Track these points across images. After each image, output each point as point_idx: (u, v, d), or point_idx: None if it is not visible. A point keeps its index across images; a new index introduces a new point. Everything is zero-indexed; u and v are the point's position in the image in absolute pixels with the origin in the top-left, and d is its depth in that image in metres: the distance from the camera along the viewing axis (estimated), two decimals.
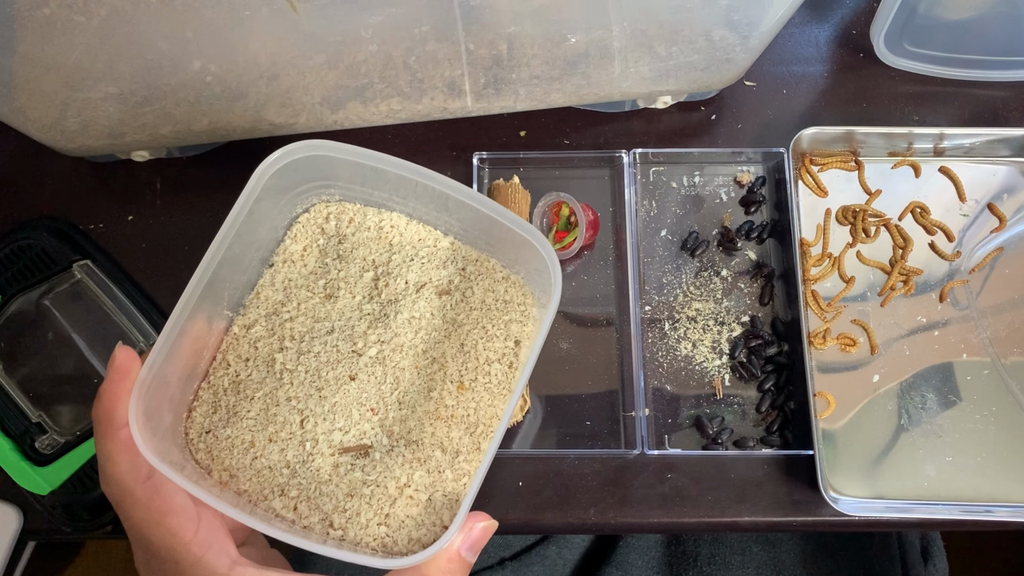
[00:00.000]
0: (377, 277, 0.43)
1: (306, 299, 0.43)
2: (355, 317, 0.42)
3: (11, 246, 0.57)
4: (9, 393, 0.54)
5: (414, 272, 0.43)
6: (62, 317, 0.55)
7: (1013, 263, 0.59)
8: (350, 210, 0.45)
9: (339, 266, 0.44)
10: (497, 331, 0.43)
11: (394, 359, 0.41)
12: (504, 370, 0.42)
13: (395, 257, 0.44)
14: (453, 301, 0.43)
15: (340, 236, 0.44)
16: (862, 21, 0.66)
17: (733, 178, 0.61)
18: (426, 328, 0.42)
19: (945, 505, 0.53)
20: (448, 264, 0.44)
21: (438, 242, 0.45)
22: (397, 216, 0.45)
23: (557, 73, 0.55)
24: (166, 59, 0.49)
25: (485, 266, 0.44)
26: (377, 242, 0.44)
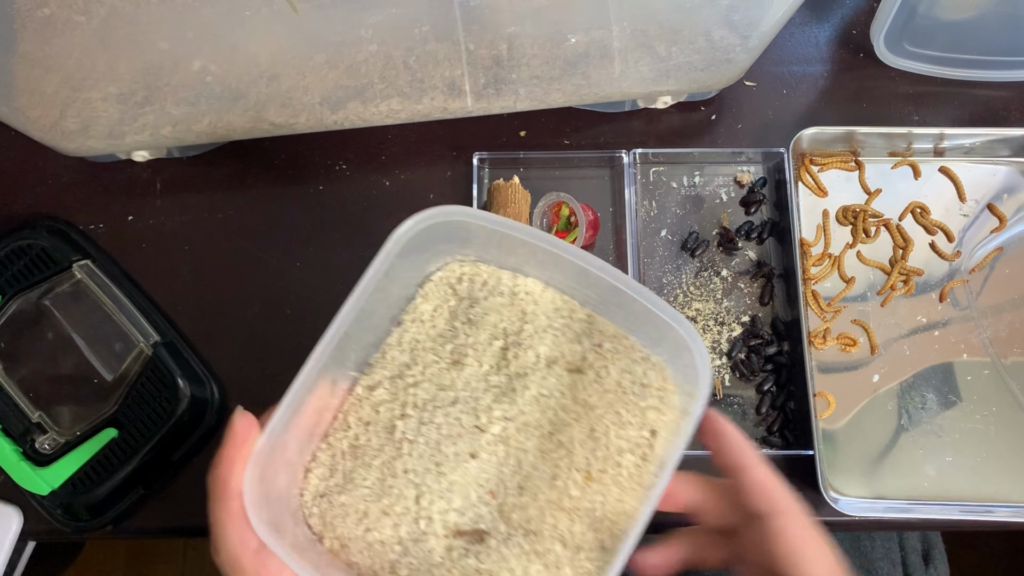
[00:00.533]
0: (507, 347, 0.41)
1: (432, 363, 0.40)
2: (480, 388, 0.40)
3: (11, 246, 0.57)
4: (9, 393, 0.54)
5: (546, 344, 0.40)
6: (62, 317, 0.55)
7: (1013, 263, 0.59)
8: (484, 272, 0.42)
9: (468, 331, 0.41)
10: (632, 418, 0.39)
11: (518, 439, 0.39)
12: (637, 462, 0.38)
13: (527, 327, 0.41)
14: (586, 381, 0.40)
15: (472, 299, 0.42)
16: (862, 21, 0.66)
17: (733, 178, 0.61)
18: (555, 408, 0.39)
19: (945, 505, 0.53)
20: (583, 339, 0.41)
21: (574, 313, 0.41)
22: (532, 282, 0.42)
23: (557, 73, 0.55)
24: (166, 59, 0.49)
25: (623, 344, 0.40)
26: (510, 308, 0.41)
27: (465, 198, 0.60)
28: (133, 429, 0.53)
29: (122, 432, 0.53)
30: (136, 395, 0.54)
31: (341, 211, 0.60)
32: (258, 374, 0.57)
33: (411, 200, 0.60)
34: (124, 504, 0.53)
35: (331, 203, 0.61)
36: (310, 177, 0.61)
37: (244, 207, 0.61)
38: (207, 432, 0.55)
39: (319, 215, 0.60)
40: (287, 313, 0.58)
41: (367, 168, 0.62)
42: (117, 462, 0.52)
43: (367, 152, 0.62)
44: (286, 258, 0.59)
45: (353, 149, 0.62)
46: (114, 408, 0.53)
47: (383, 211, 0.60)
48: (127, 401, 0.54)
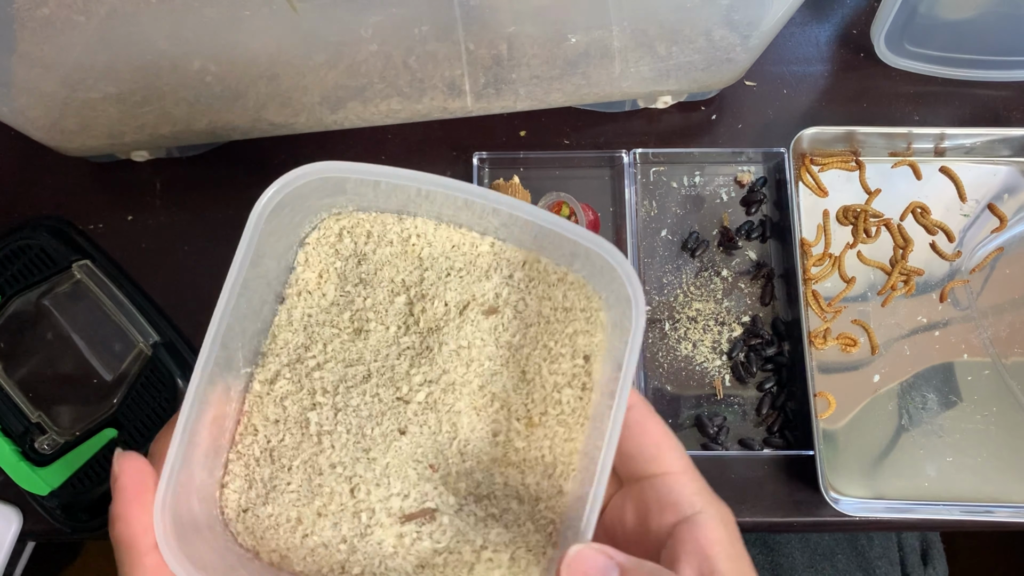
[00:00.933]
0: (411, 301, 0.37)
1: (332, 338, 0.36)
2: (393, 355, 0.36)
3: (11, 246, 0.56)
4: (9, 393, 0.54)
5: (453, 289, 0.36)
6: (62, 317, 0.55)
7: (1013, 263, 0.59)
8: (366, 221, 0.37)
9: (364, 292, 0.37)
10: (562, 348, 0.35)
11: (447, 402, 0.35)
12: (577, 394, 0.35)
13: (428, 273, 0.37)
14: (505, 320, 0.36)
15: (359, 255, 0.37)
16: (862, 21, 0.66)
17: (733, 178, 0.61)
18: (478, 358, 0.36)
19: (945, 505, 0.53)
20: (492, 273, 0.37)
21: (476, 246, 0.37)
22: (422, 221, 0.37)
23: (557, 73, 0.55)
24: (166, 59, 0.49)
25: (535, 268, 0.37)
26: (403, 257, 0.37)
27: None
28: (133, 429, 0.53)
29: (122, 432, 0.53)
30: (136, 395, 0.54)
31: None
32: None
33: None
34: None
35: None
36: None
37: (244, 207, 0.60)
38: None
39: None
40: None
41: None
42: None
43: (367, 152, 0.62)
44: None
45: (353, 149, 0.62)
46: (114, 408, 0.53)
47: None
48: (127, 401, 0.53)
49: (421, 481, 0.34)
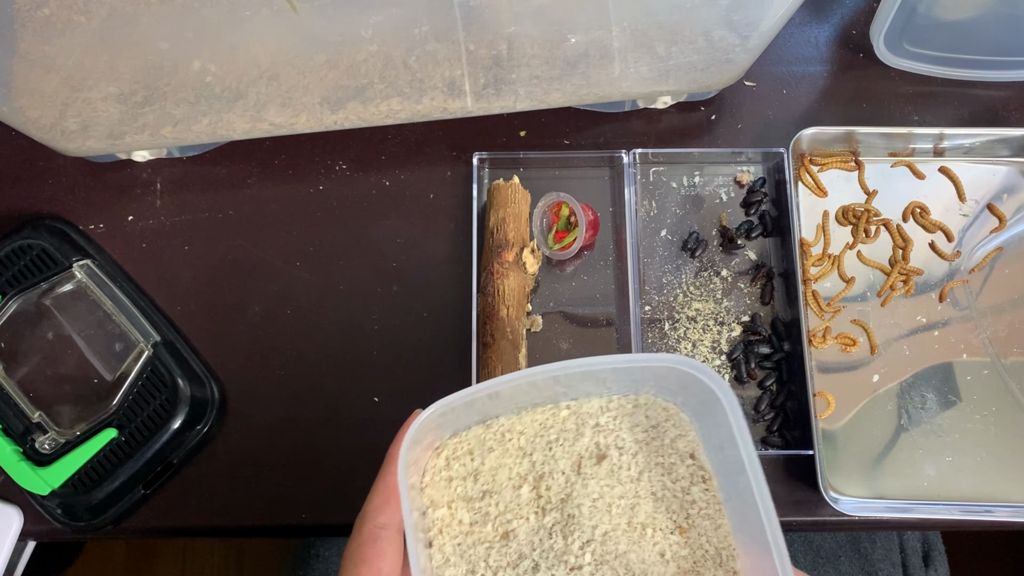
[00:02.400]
0: (534, 486, 0.40)
1: (487, 553, 0.39)
2: (545, 537, 0.39)
3: (11, 246, 0.57)
4: (9, 393, 0.54)
5: (561, 459, 0.40)
6: (62, 317, 0.56)
7: (1013, 263, 0.59)
8: (463, 443, 0.41)
9: (492, 501, 0.40)
10: (671, 458, 0.40)
11: (609, 549, 0.39)
12: (702, 488, 0.39)
13: (535, 456, 0.40)
14: (615, 460, 0.40)
15: (473, 473, 0.40)
16: (862, 21, 0.66)
17: (733, 178, 0.61)
18: (614, 501, 0.39)
19: (945, 505, 0.53)
20: (583, 429, 0.41)
21: (557, 415, 0.41)
22: (506, 419, 0.41)
23: (557, 73, 0.55)
24: (166, 59, 0.49)
25: (611, 407, 0.41)
26: (507, 455, 0.40)
27: (465, 198, 0.60)
28: (133, 429, 0.53)
29: (122, 432, 0.53)
30: (136, 395, 0.54)
31: (341, 211, 0.60)
32: (258, 374, 0.57)
33: (411, 200, 0.61)
34: (124, 504, 0.53)
35: (331, 203, 0.61)
36: (310, 177, 0.61)
37: (244, 207, 0.61)
38: (207, 432, 0.55)
39: (319, 215, 0.60)
40: (287, 313, 0.58)
41: (367, 168, 0.62)
42: (117, 462, 0.52)
43: (367, 152, 0.62)
44: (286, 258, 0.59)
45: (353, 149, 0.62)
46: (114, 408, 0.53)
47: (383, 211, 0.60)
48: (127, 401, 0.54)
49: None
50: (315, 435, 0.55)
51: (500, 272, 0.55)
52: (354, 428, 0.55)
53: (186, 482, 0.55)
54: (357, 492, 0.54)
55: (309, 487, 0.54)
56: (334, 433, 0.55)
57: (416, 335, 0.57)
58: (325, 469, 0.54)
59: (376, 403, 0.56)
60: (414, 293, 0.58)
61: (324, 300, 0.58)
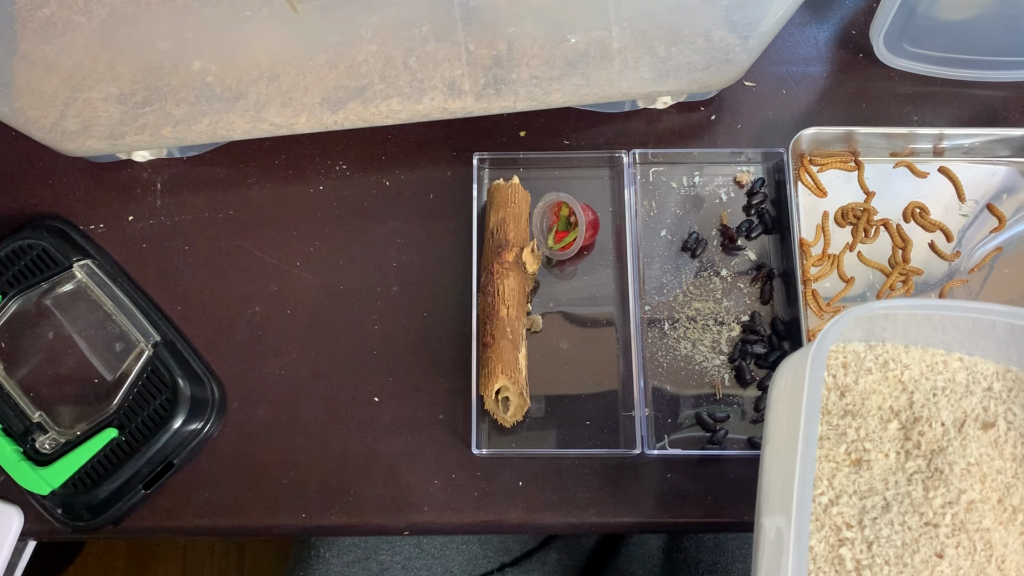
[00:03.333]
0: (903, 426, 0.37)
1: (833, 472, 0.37)
2: (903, 481, 0.36)
3: (11, 246, 0.57)
4: (9, 393, 0.54)
5: (944, 408, 0.37)
6: (62, 317, 0.56)
7: (1012, 263, 0.59)
8: (838, 353, 0.38)
9: (854, 423, 0.37)
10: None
11: (973, 521, 0.35)
12: None
13: (916, 396, 0.37)
14: (1001, 431, 0.37)
15: (840, 388, 0.38)
16: (862, 21, 0.66)
17: (733, 178, 0.61)
18: (990, 473, 0.36)
19: None
20: (972, 388, 0.38)
21: (948, 364, 0.38)
22: (892, 346, 0.38)
23: (557, 73, 0.55)
24: (166, 59, 0.49)
25: (1008, 378, 0.38)
26: (885, 383, 0.38)
27: (465, 198, 0.60)
28: (133, 429, 0.53)
29: (122, 432, 0.53)
30: (136, 395, 0.54)
31: (341, 211, 0.60)
32: (258, 374, 0.57)
33: (411, 200, 0.61)
34: (124, 504, 0.53)
35: (331, 203, 0.61)
36: (310, 177, 0.61)
37: (244, 207, 0.61)
38: (207, 432, 0.55)
39: (319, 215, 0.60)
40: (287, 313, 0.58)
41: (367, 168, 0.62)
42: (118, 462, 0.52)
43: (367, 152, 0.62)
44: (286, 258, 0.59)
45: (353, 149, 0.62)
46: (114, 408, 0.53)
47: (383, 211, 0.60)
48: (127, 401, 0.54)
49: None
50: (315, 435, 0.55)
51: (500, 272, 0.55)
52: (354, 428, 0.55)
53: (186, 482, 0.55)
54: (357, 492, 0.54)
55: (309, 487, 0.54)
56: (334, 433, 0.55)
57: (416, 335, 0.57)
58: (325, 469, 0.55)
59: (376, 403, 0.56)
60: (414, 293, 0.58)
61: (324, 300, 0.58)
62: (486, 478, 0.54)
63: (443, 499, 0.53)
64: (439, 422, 0.55)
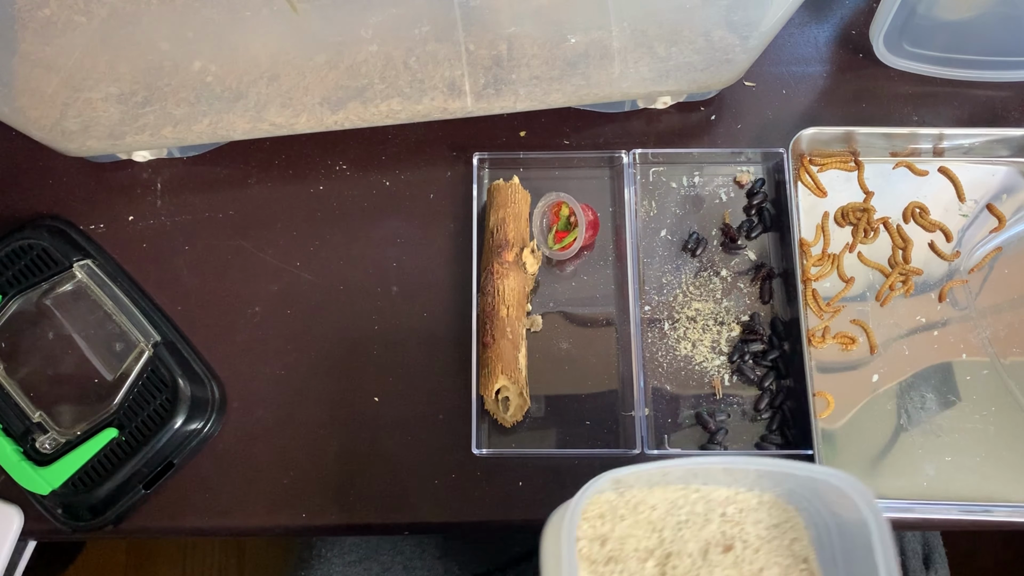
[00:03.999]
0: (659, 563, 0.40)
1: None
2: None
3: (11, 246, 0.57)
4: (9, 393, 0.54)
5: (689, 540, 0.40)
6: (62, 317, 0.56)
7: (1012, 263, 0.59)
8: (595, 505, 0.41)
9: (616, 568, 0.40)
10: (787, 559, 0.41)
11: None
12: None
13: (664, 534, 0.41)
14: (739, 552, 0.41)
15: (601, 538, 0.41)
16: (862, 21, 0.66)
17: (733, 178, 0.61)
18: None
19: (945, 505, 0.53)
20: (711, 516, 0.41)
21: (687, 497, 0.42)
22: (639, 491, 0.41)
23: (557, 73, 0.55)
24: (167, 59, 0.49)
25: (738, 499, 0.42)
26: (637, 527, 0.41)
27: (465, 198, 0.60)
28: (133, 429, 0.53)
29: (122, 432, 0.53)
30: (136, 395, 0.54)
31: (341, 211, 0.61)
32: (258, 374, 0.57)
33: (411, 200, 0.61)
34: (124, 504, 0.53)
35: (331, 203, 0.61)
36: (310, 177, 0.61)
37: (244, 207, 0.61)
38: (207, 432, 0.55)
39: (319, 215, 0.60)
40: (287, 313, 0.58)
41: (367, 168, 0.62)
42: (117, 462, 0.52)
43: (367, 152, 0.62)
44: (286, 258, 0.59)
45: (353, 149, 0.62)
46: (114, 408, 0.53)
47: (383, 211, 0.60)
48: (127, 401, 0.54)
49: None
50: (315, 435, 0.55)
51: (500, 272, 0.55)
52: (354, 428, 0.55)
53: (186, 482, 0.55)
54: (357, 492, 0.54)
55: (309, 487, 0.54)
56: (334, 433, 0.55)
57: (416, 335, 0.57)
58: (325, 469, 0.55)
59: (376, 403, 0.56)
60: (414, 293, 0.58)
61: (324, 300, 0.58)
62: (486, 478, 0.54)
63: (443, 499, 0.53)
64: (439, 422, 0.55)
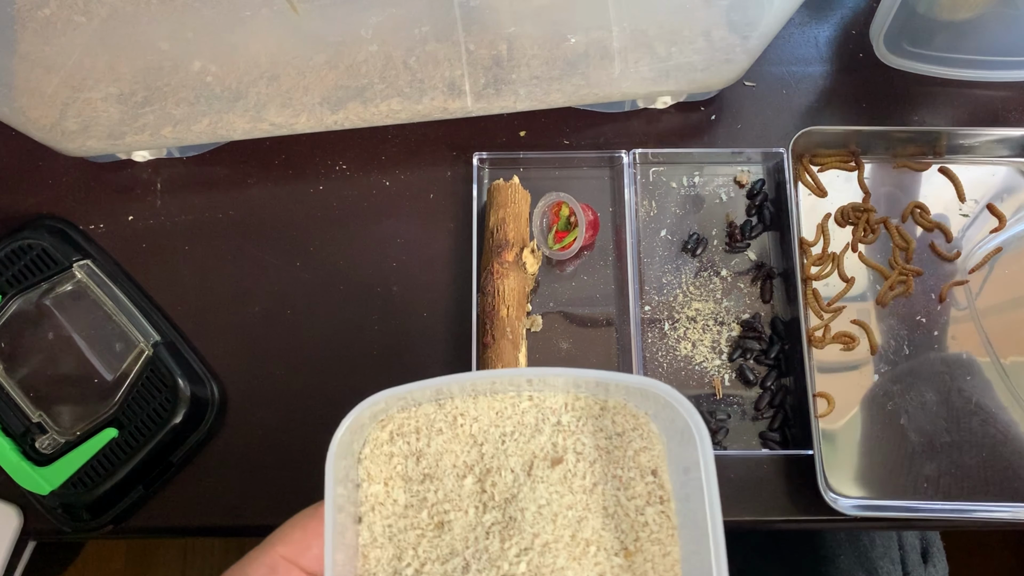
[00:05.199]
0: (479, 479, 0.37)
1: (418, 540, 0.36)
2: (481, 537, 0.36)
3: (11, 246, 0.57)
4: (9, 393, 0.54)
5: (513, 454, 0.37)
6: (62, 317, 0.55)
7: (1012, 263, 0.59)
8: (411, 419, 0.38)
9: (432, 486, 0.37)
10: (630, 472, 0.37)
11: (547, 563, 0.35)
12: (659, 509, 0.36)
13: (485, 448, 0.38)
14: (570, 465, 0.37)
15: (416, 453, 0.38)
16: (862, 21, 0.66)
17: (733, 178, 0.61)
18: (561, 511, 0.36)
19: (945, 505, 0.53)
20: (541, 426, 0.38)
21: (516, 405, 0.38)
22: (460, 401, 0.38)
23: (557, 73, 0.55)
24: (166, 59, 0.49)
25: (576, 407, 0.38)
26: (457, 441, 0.38)
27: (465, 198, 0.60)
28: (133, 429, 0.53)
29: (122, 432, 0.53)
30: (136, 395, 0.54)
31: (341, 211, 0.60)
32: (258, 374, 0.57)
33: (411, 200, 0.61)
34: (124, 504, 0.53)
35: (331, 203, 0.61)
36: (310, 177, 0.61)
37: (244, 207, 0.61)
38: (207, 432, 0.55)
39: (319, 215, 0.60)
40: (287, 313, 0.58)
41: (367, 168, 0.62)
42: (117, 462, 0.52)
43: (367, 152, 0.62)
44: (286, 258, 0.59)
45: (353, 149, 0.62)
46: (114, 408, 0.53)
47: (383, 211, 0.60)
48: (127, 401, 0.54)
49: None
50: (315, 435, 0.55)
51: (500, 272, 0.55)
52: None
53: (186, 482, 0.55)
54: None
55: (309, 487, 0.54)
56: (334, 433, 0.55)
57: (416, 335, 0.57)
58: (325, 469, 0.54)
59: None
60: (414, 293, 0.58)
61: (324, 300, 0.58)
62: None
63: None
64: None
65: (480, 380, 0.36)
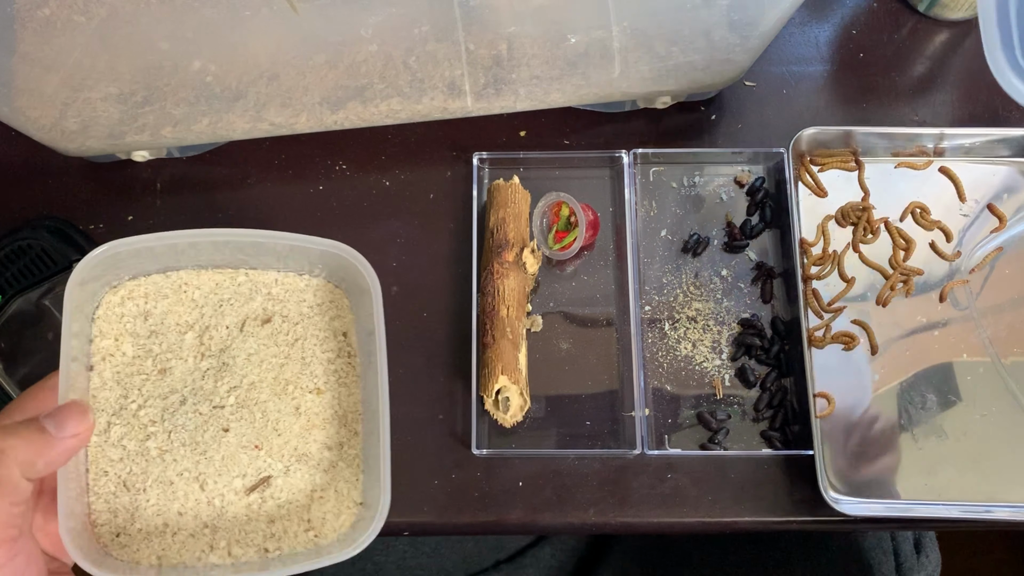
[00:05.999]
0: (198, 334, 0.46)
1: (143, 383, 0.45)
2: (198, 378, 0.45)
3: (11, 246, 0.57)
4: (9, 393, 0.54)
5: (228, 315, 0.47)
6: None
7: (1013, 263, 0.59)
8: (141, 286, 0.46)
9: (157, 340, 0.46)
10: (326, 332, 0.47)
11: (252, 397, 0.45)
12: (346, 362, 0.47)
13: (205, 310, 0.47)
14: (277, 325, 0.47)
15: (144, 313, 0.46)
16: (862, 21, 0.66)
17: (733, 178, 0.61)
18: (267, 358, 0.46)
19: (944, 505, 0.53)
20: (254, 295, 0.47)
21: (234, 279, 0.48)
22: (186, 273, 0.47)
23: (557, 73, 0.55)
24: (166, 59, 0.49)
25: (285, 283, 0.48)
26: (180, 304, 0.47)
27: (465, 198, 0.60)
28: None
29: None
30: None
31: (341, 211, 0.60)
32: None
33: (411, 200, 0.61)
34: None
35: (331, 203, 0.61)
36: (310, 177, 0.61)
37: (244, 207, 0.61)
38: None
39: (319, 215, 0.60)
40: None
41: (367, 168, 0.62)
42: None
43: (367, 152, 0.62)
44: None
45: (353, 149, 0.62)
46: None
47: (383, 211, 0.60)
48: None
49: (253, 460, 0.44)
50: None
51: (500, 272, 0.55)
52: None
53: None
54: None
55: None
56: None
57: (416, 335, 0.57)
58: None
59: None
60: (414, 293, 0.58)
61: None
62: (486, 478, 0.54)
63: (443, 499, 0.53)
64: (439, 422, 0.55)
65: (201, 239, 0.44)
